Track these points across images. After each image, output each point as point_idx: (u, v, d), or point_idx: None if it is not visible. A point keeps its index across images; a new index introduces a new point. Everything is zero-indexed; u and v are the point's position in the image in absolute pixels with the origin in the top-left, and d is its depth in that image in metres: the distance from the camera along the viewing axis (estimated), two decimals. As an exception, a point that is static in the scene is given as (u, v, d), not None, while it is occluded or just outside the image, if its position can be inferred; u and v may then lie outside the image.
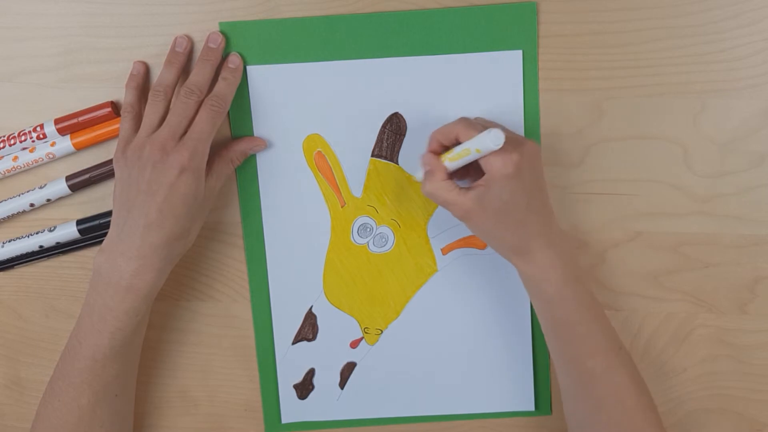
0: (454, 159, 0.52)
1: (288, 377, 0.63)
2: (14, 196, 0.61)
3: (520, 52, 0.56)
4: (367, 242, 0.60)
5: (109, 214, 0.59)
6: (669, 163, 0.58)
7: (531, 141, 0.53)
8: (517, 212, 0.52)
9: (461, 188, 0.52)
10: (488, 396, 0.63)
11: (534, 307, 0.56)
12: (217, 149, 0.57)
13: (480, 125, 0.52)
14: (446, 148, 0.54)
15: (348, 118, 0.58)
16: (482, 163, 0.51)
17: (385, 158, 0.59)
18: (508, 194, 0.51)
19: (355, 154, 0.59)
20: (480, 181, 0.51)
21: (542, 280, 0.53)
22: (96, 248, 0.60)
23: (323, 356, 0.62)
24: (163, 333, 0.63)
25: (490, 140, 0.48)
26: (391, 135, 0.58)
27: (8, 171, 0.60)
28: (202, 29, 0.57)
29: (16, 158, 0.60)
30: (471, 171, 0.55)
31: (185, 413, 0.65)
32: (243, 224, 0.60)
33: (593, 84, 0.57)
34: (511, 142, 0.51)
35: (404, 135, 0.58)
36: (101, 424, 0.56)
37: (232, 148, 0.57)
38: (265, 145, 0.58)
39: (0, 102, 0.59)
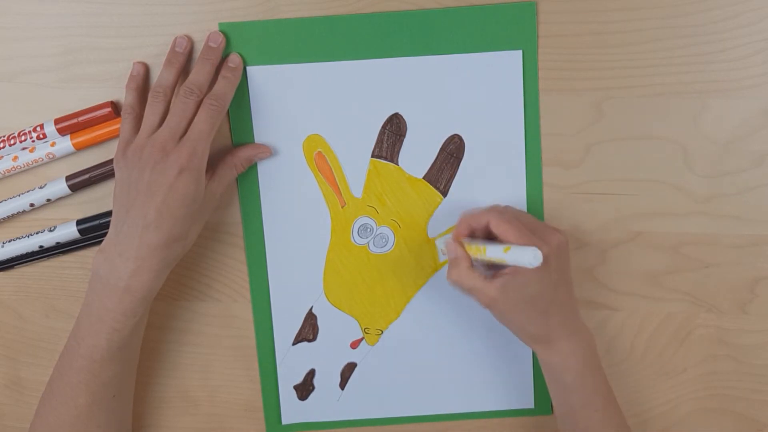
0: (483, 259, 0.52)
1: (288, 378, 0.63)
2: (14, 196, 0.61)
3: (519, 52, 0.56)
4: (368, 242, 0.60)
5: (109, 214, 0.59)
6: (669, 163, 0.58)
7: (560, 233, 0.53)
8: (541, 303, 0.52)
9: (486, 277, 0.52)
10: (488, 395, 0.63)
11: (550, 391, 0.57)
12: (222, 155, 0.57)
13: (512, 216, 0.52)
14: (473, 232, 0.54)
15: (348, 119, 0.58)
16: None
17: (386, 159, 0.59)
18: (533, 286, 0.51)
19: (355, 155, 0.59)
20: (506, 270, 0.51)
21: (562, 369, 0.54)
22: (96, 248, 0.60)
23: (324, 357, 0.62)
24: (163, 333, 0.63)
25: (528, 260, 0.47)
26: (391, 135, 0.58)
27: (8, 171, 0.60)
28: (202, 29, 0.57)
29: (16, 158, 0.59)
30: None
31: (185, 413, 0.65)
32: (243, 224, 0.60)
33: (593, 84, 0.57)
34: (541, 233, 0.52)
35: (404, 135, 0.58)
36: (98, 424, 0.56)
37: (236, 154, 0.57)
38: (270, 152, 0.58)
39: (0, 102, 0.59)
